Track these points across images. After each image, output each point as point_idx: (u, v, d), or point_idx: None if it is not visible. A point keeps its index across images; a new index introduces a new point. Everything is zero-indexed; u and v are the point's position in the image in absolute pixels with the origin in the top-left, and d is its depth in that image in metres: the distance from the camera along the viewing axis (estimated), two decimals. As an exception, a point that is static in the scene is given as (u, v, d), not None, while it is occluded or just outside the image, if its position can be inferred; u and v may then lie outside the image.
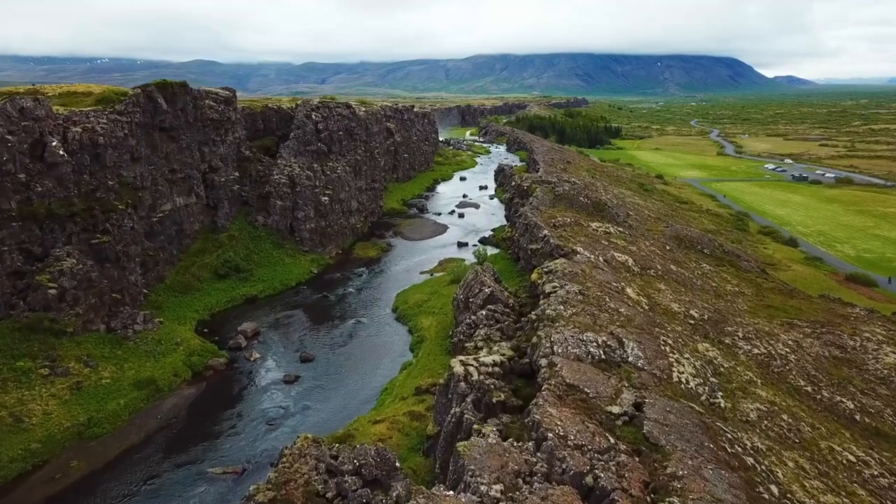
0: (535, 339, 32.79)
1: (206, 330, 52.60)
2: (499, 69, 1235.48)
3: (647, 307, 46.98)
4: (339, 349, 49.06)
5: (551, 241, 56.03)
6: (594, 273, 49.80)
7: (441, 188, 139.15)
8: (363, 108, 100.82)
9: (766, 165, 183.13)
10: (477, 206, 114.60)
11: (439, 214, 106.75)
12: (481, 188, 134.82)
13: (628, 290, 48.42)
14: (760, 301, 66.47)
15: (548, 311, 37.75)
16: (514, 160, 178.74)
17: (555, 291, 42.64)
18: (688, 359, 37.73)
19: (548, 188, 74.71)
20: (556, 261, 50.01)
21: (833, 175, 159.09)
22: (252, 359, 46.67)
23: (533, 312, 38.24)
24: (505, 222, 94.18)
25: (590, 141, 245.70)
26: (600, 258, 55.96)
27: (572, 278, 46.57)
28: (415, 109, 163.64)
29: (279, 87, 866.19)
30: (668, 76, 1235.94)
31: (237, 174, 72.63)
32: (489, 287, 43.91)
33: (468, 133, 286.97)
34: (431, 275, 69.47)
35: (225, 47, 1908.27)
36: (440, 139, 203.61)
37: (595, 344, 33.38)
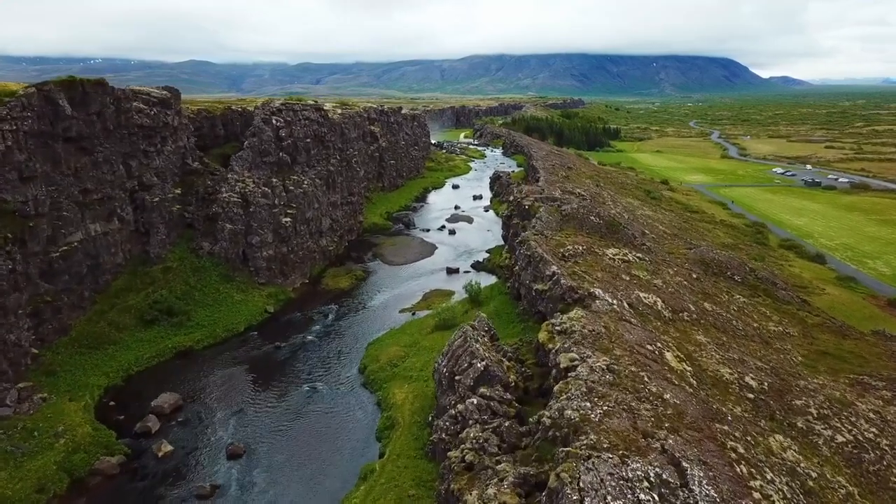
0: (554, 482, 20.76)
1: (112, 403, 40.06)
2: (494, 69, 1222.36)
3: (693, 381, 35.31)
4: (283, 435, 36.70)
5: (562, 281, 44.09)
6: (620, 329, 38.12)
7: (432, 197, 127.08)
8: (339, 111, 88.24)
9: (774, 169, 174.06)
10: (470, 221, 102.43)
11: (427, 231, 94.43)
12: (475, 198, 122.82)
13: (667, 355, 36.66)
14: (811, 345, 55.72)
15: (567, 411, 25.81)
16: (510, 165, 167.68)
17: (574, 368, 30.83)
18: (771, 482, 26.01)
19: (553, 207, 62.68)
20: (571, 313, 38.12)
21: (847, 180, 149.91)
22: (161, 454, 34.22)
23: (547, 413, 26.23)
24: (502, 241, 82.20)
25: (588, 143, 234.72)
26: (624, 302, 44.26)
27: (595, 342, 34.82)
28: (404, 111, 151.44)
29: (273, 88, 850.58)
30: (663, 76, 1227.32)
31: (178, 191, 59.98)
32: (482, 360, 31.84)
33: (463, 135, 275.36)
34: (413, 314, 57.12)
35: (222, 48, 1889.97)
36: (433, 142, 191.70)
37: (646, 484, 21.41)
